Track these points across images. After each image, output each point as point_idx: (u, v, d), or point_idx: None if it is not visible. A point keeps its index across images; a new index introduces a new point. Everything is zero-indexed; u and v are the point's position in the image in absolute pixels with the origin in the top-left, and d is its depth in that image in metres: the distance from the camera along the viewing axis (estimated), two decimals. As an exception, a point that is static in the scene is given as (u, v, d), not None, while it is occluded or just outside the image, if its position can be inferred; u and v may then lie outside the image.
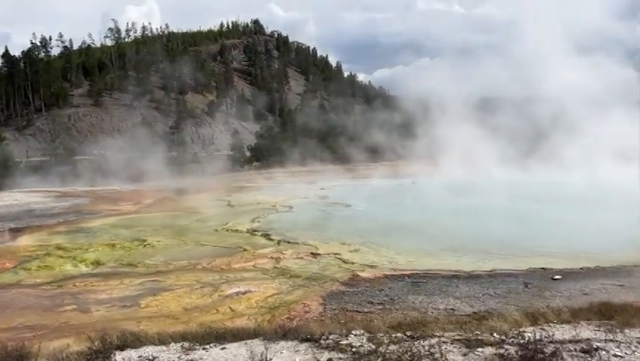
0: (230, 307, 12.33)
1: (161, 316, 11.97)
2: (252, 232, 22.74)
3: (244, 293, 13.33)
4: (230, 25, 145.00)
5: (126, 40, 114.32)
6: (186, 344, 6.29)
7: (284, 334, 6.55)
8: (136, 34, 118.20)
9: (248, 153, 71.64)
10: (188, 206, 32.31)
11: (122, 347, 6.15)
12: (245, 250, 18.86)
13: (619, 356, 4.99)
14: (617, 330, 5.97)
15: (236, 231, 23.10)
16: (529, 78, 54.04)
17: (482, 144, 50.34)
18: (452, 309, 11.51)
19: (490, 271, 15.18)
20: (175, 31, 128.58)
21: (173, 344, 6.35)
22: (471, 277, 14.64)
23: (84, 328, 10.48)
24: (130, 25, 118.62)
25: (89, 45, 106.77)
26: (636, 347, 5.28)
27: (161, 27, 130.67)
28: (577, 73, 48.88)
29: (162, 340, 6.50)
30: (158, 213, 29.76)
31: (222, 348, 6.09)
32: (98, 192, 40.29)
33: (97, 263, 17.56)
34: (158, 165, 52.74)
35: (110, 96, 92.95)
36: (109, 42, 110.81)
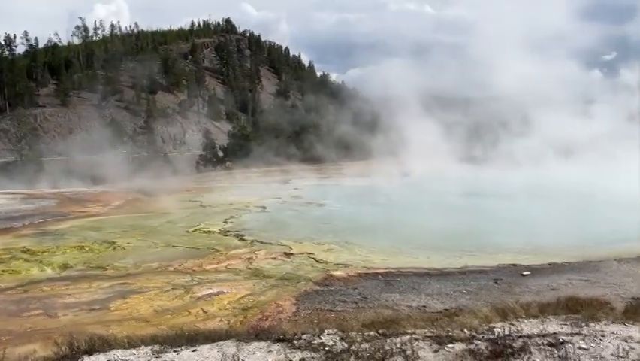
0: (202, 309, 12.19)
1: (132, 319, 11.76)
2: (225, 232, 22.52)
3: (216, 294, 13.19)
4: (202, 23, 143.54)
5: (94, 38, 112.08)
6: (157, 347, 6.20)
7: (257, 334, 6.52)
8: (104, 33, 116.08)
9: (220, 153, 71.05)
10: (158, 207, 31.80)
11: (90, 352, 6.02)
12: (217, 251, 18.65)
13: (584, 348, 5.12)
14: (583, 324, 6.12)
15: (209, 232, 22.84)
16: (489, 78, 55.39)
17: (446, 142, 51.60)
18: (424, 306, 11.63)
19: (461, 268, 15.40)
20: (145, 29, 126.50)
21: (143, 347, 6.25)
22: (442, 274, 14.82)
23: (51, 333, 10.19)
24: (98, 24, 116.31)
25: (55, 44, 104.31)
26: (601, 339, 5.42)
27: (130, 26, 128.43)
28: (531, 73, 50.73)
29: (132, 343, 6.40)
30: (128, 215, 29.22)
31: (194, 350, 6.01)
32: (65, 194, 39.31)
33: (64, 266, 17.10)
34: (127, 166, 51.93)
35: (78, 96, 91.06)
36: (76, 40, 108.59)
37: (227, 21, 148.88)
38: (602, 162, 41.83)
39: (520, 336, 5.62)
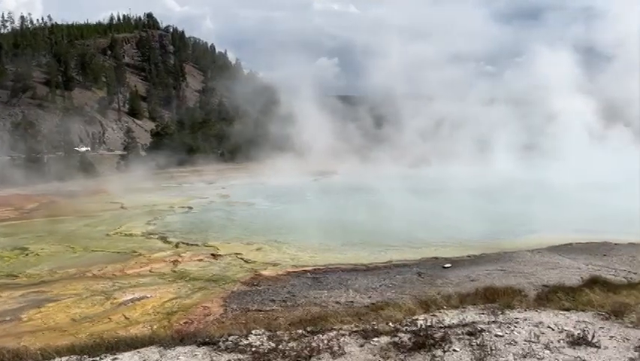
0: (124, 315, 11.70)
1: (46, 329, 11.08)
2: (148, 235, 21.76)
3: (139, 300, 12.71)
4: (122, 18, 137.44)
5: (2, 31, 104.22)
6: (74, 358, 5.82)
7: (181, 339, 6.30)
8: (14, 25, 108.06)
9: (143, 153, 68.43)
10: (76, 210, 30.16)
11: (-3, 368, 5.56)
12: (140, 254, 17.99)
13: (499, 335, 5.38)
14: (499, 312, 6.44)
15: (130, 235, 21.97)
16: (403, 78, 57.78)
17: (378, 142, 53.08)
18: (351, 301, 11.81)
19: (387, 262, 15.84)
20: (59, 23, 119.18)
21: (58, 358, 5.86)
22: (369, 269, 15.16)
23: (-47, 349, 9.34)
24: (6, 16, 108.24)
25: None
26: (514, 326, 5.73)
27: (43, 18, 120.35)
28: (444, 75, 53.57)
29: (46, 355, 5.98)
30: (43, 219, 27.50)
31: (114, 359, 5.71)
32: (-31, 198, 36.28)
33: (-31, 276, 15.80)
34: (42, 167, 48.73)
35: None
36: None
37: (149, 16, 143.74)
38: (512, 158, 45.04)
39: (442, 327, 5.81)
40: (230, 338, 5.98)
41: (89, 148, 76.86)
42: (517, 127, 48.59)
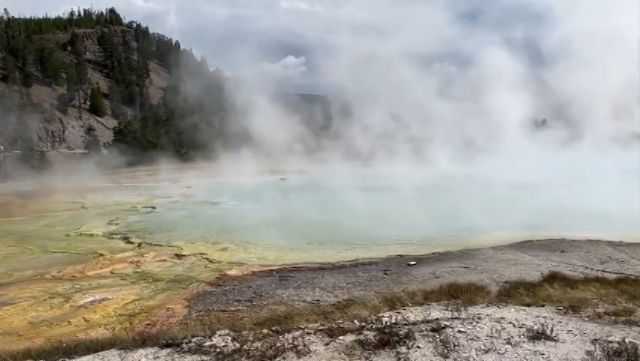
0: (84, 318, 11.36)
1: (2, 333, 10.66)
2: (109, 235, 21.23)
3: (100, 301, 12.37)
4: (83, 13, 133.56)
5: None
6: (29, 363, 5.63)
7: (143, 341, 6.16)
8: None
9: (105, 151, 66.76)
10: (34, 210, 29.18)
11: (-55, 376, 5.31)
12: (101, 255, 17.52)
13: (462, 331, 5.47)
14: (462, 308, 6.55)
15: (91, 235, 21.38)
16: (374, 77, 58.60)
17: (335, 140, 53.87)
18: (318, 300, 11.80)
19: (353, 260, 15.92)
20: (16, 17, 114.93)
21: (12, 364, 5.64)
22: (336, 268, 15.20)
23: None
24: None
25: None
26: (477, 322, 5.83)
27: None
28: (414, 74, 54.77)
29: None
30: (-2, 219, 26.46)
31: (72, 363, 5.54)
32: None
33: None
34: (-2, 166, 46.96)
35: None
36: None
37: (112, 11, 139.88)
38: (458, 156, 46.57)
39: (406, 324, 5.88)
40: (194, 340, 5.89)
41: (49, 146, 74.48)
42: (462, 126, 50.56)
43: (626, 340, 4.89)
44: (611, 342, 4.83)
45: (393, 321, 5.96)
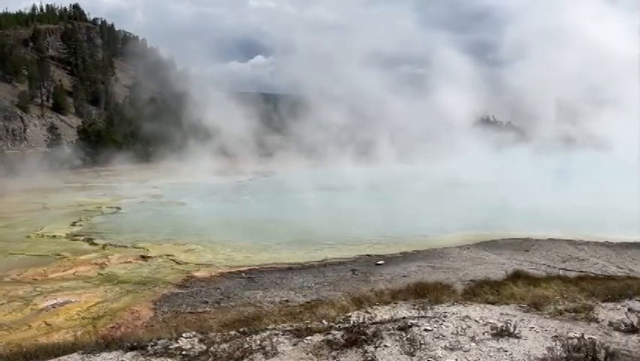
0: (45, 322, 11.03)
1: (-43, 340, 10.23)
2: (73, 236, 20.68)
3: (62, 305, 12.03)
4: (45, 8, 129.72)
5: None
6: (-14, 369, 5.44)
7: (107, 344, 6.03)
8: None
9: (68, 150, 65.01)
10: (-7, 211, 28.19)
11: None
12: (63, 257, 17.05)
13: (429, 329, 5.54)
14: (428, 307, 6.64)
15: (53, 236, 20.77)
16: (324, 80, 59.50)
17: (295, 141, 54.44)
18: (287, 301, 11.78)
19: (322, 260, 15.97)
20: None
21: (-32, 371, 5.44)
22: (304, 268, 15.21)
23: None
24: None
25: None
26: (443, 320, 5.92)
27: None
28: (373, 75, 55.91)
29: (-46, 368, 5.53)
30: (-47, 221, 25.44)
31: (31, 368, 5.38)
32: None
33: None
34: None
35: None
36: None
37: (75, 7, 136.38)
38: (422, 156, 47.78)
39: (374, 323, 5.92)
40: (160, 342, 5.80)
41: (9, 145, 72.07)
42: (414, 125, 52.12)
43: (585, 336, 5.04)
44: (571, 338, 4.97)
45: (360, 321, 5.99)
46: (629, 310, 6.30)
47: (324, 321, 6.25)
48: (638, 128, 43.33)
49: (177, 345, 5.68)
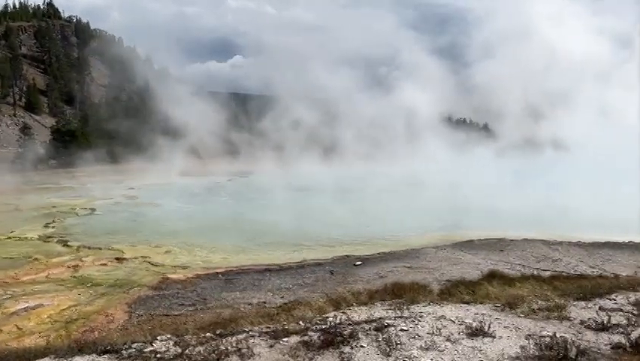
0: (16, 326, 10.77)
1: None
2: (46, 238, 20.26)
3: (34, 308, 11.77)
4: (18, 5, 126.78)
5: None
6: (-47, 375, 5.28)
7: (80, 349, 5.91)
8: None
9: (41, 150, 63.65)
10: (-38, 212, 27.41)
11: None
12: (36, 259, 16.67)
13: (405, 330, 5.56)
14: (405, 307, 6.67)
15: (25, 239, 20.31)
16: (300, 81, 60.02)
17: (289, 142, 54.49)
18: (264, 302, 11.74)
19: (300, 262, 15.96)
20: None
21: None
22: (283, 269, 15.17)
23: None
24: None
25: None
26: (419, 320, 5.95)
27: None
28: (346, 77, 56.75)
29: None
30: None
31: (0, 374, 5.24)
32: None
33: None
34: None
35: None
36: None
37: (49, 4, 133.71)
38: (402, 157, 48.49)
39: (350, 323, 5.91)
40: (134, 346, 5.71)
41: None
42: (381, 127, 52.90)
43: (557, 334, 5.12)
44: (544, 337, 5.05)
45: (337, 321, 5.98)
46: (600, 308, 6.43)
47: (301, 322, 6.22)
48: (594, 130, 45.35)
49: (152, 348, 5.59)
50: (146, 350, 5.55)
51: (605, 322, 5.59)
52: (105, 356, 5.49)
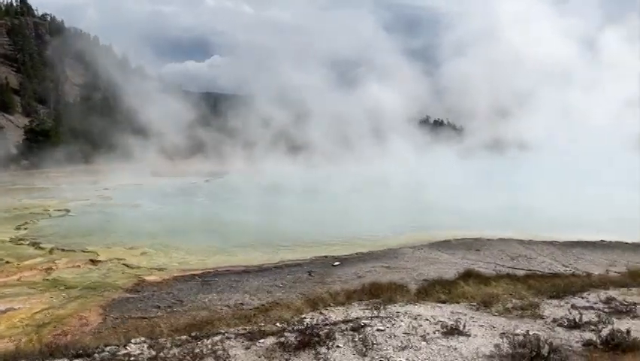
0: (-15, 330, 10.48)
1: None
2: (17, 240, 19.78)
3: (4, 312, 11.49)
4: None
5: None
6: None
7: (51, 353, 5.80)
8: None
9: (15, 151, 62.25)
10: None
11: None
12: (7, 262, 16.27)
13: (381, 329, 5.58)
14: (381, 307, 6.69)
15: (-4, 241, 19.82)
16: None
17: (266, 143, 54.59)
18: (241, 304, 11.66)
19: (278, 263, 15.89)
20: None
21: None
22: (261, 270, 15.10)
23: None
24: None
25: None
26: (395, 320, 5.98)
27: None
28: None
29: None
30: None
31: (-33, 380, 5.10)
32: None
33: None
34: None
35: None
36: None
37: (23, 2, 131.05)
38: (372, 158, 48.99)
39: (327, 324, 5.91)
40: (107, 349, 5.63)
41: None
42: (351, 128, 53.40)
43: (530, 332, 5.20)
44: (517, 335, 5.12)
45: (314, 322, 5.98)
46: (573, 306, 6.56)
47: (277, 323, 6.20)
48: (559, 131, 46.64)
49: (125, 351, 5.52)
50: (119, 353, 5.47)
51: (577, 320, 5.70)
52: (77, 360, 5.40)
